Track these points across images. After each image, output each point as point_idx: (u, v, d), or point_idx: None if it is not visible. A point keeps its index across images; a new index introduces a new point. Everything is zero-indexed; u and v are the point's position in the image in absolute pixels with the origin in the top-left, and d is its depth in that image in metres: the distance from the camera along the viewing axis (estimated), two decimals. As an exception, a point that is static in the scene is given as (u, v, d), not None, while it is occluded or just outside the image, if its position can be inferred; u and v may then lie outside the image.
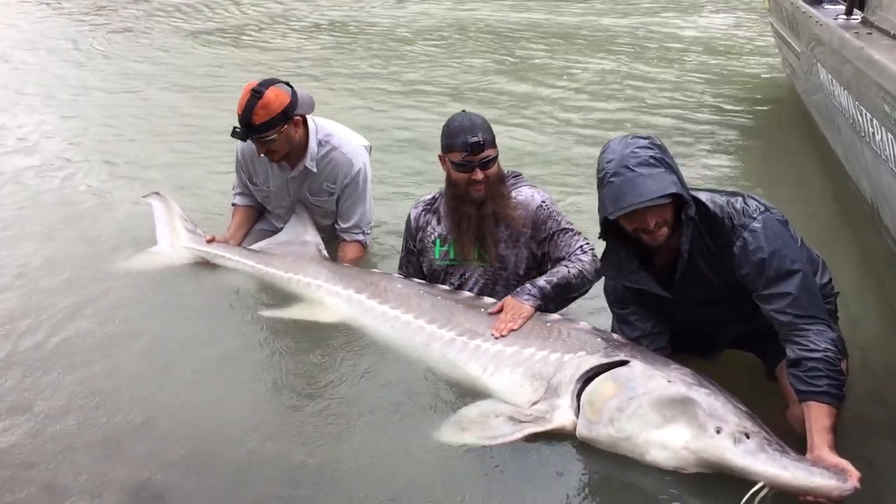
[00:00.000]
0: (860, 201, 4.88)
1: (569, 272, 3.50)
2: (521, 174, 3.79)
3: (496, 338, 3.30)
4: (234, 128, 3.99)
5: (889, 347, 3.66)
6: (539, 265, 3.69)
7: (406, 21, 12.84)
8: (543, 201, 3.63)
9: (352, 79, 9.23)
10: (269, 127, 3.97)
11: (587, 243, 3.61)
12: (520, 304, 3.42)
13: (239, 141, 4.43)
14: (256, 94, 3.94)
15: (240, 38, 11.68)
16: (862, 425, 3.05)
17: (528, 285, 3.48)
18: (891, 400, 3.27)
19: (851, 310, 3.71)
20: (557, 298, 3.53)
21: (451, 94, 8.49)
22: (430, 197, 3.90)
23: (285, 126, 4.03)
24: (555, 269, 3.55)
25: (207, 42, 11.45)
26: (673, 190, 2.68)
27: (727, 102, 7.89)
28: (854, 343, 3.47)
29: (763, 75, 9.01)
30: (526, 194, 3.65)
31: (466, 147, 3.43)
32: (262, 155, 4.12)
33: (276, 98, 3.97)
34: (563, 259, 3.57)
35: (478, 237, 3.62)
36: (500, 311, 3.43)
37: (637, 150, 2.73)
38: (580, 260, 3.53)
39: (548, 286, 3.47)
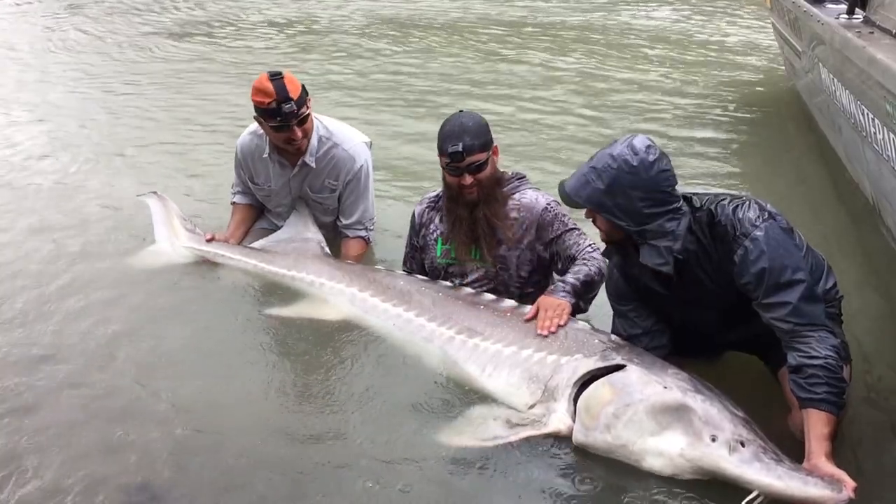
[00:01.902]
0: (861, 201, 4.88)
1: (590, 270, 3.45)
2: (524, 176, 3.75)
3: (544, 336, 3.19)
4: (277, 116, 3.93)
5: (890, 348, 3.65)
6: (546, 267, 3.69)
7: (355, 17, 12.79)
8: (549, 204, 3.61)
9: (333, 75, 9.22)
10: (304, 100, 4.01)
11: (594, 243, 3.57)
12: (557, 300, 3.33)
13: (238, 140, 4.45)
14: (275, 75, 3.96)
15: (212, 36, 11.68)
16: (863, 426, 3.05)
17: (559, 283, 3.44)
18: (892, 400, 3.26)
19: (852, 310, 3.68)
20: (585, 296, 3.46)
21: (438, 90, 8.47)
22: (434, 194, 3.88)
23: (308, 101, 4.07)
24: (576, 269, 3.48)
25: (179, 39, 11.43)
26: (580, 201, 2.83)
27: (727, 102, 7.88)
28: (855, 343, 3.46)
29: (763, 74, 8.99)
30: (530, 197, 3.63)
31: (448, 155, 3.44)
32: (293, 143, 4.07)
33: (292, 76, 4.03)
34: (576, 258, 3.53)
35: (471, 239, 3.61)
36: (535, 314, 3.31)
37: (610, 156, 2.79)
38: (594, 258, 3.49)
39: (577, 283, 3.41)
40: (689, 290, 2.92)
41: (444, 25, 11.97)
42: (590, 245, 3.56)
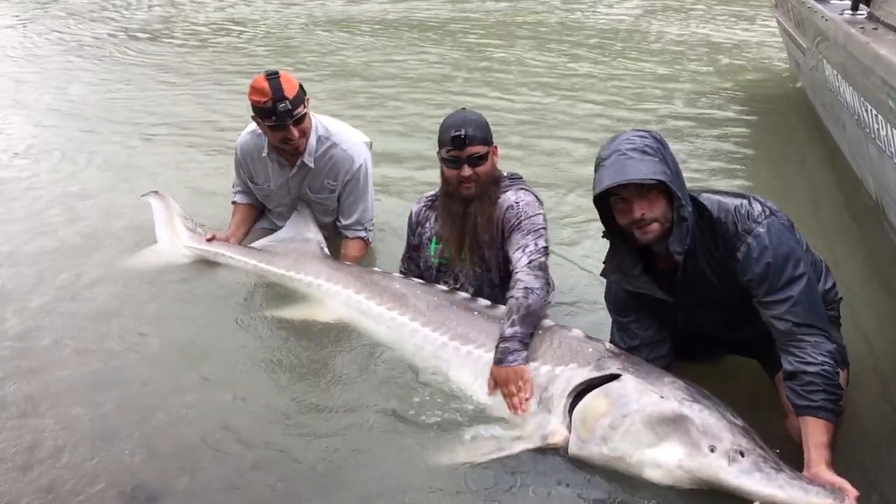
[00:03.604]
0: (865, 198, 4.85)
1: (517, 301, 3.20)
2: (520, 177, 3.70)
3: (517, 414, 2.99)
4: (272, 115, 3.91)
5: (893, 345, 3.60)
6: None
7: (300, 17, 12.82)
8: (516, 202, 3.50)
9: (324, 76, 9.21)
10: (301, 100, 3.98)
11: (542, 250, 3.39)
12: (512, 370, 3.07)
13: (238, 140, 4.44)
14: (272, 75, 3.93)
15: (179, 37, 11.74)
16: (866, 428, 3.01)
17: (500, 345, 3.12)
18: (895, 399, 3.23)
19: (855, 307, 3.67)
20: (533, 327, 3.19)
21: (429, 89, 8.47)
22: (432, 193, 3.86)
23: (306, 100, 4.04)
24: (506, 311, 3.23)
25: (149, 40, 11.49)
26: (660, 177, 2.62)
27: (731, 99, 7.85)
28: (858, 340, 3.45)
29: (768, 71, 8.96)
30: (506, 197, 3.54)
31: (450, 141, 3.41)
32: (289, 142, 4.05)
33: (290, 75, 3.99)
34: (513, 270, 3.36)
35: (460, 236, 3.58)
36: (496, 387, 3.11)
37: (634, 137, 2.71)
38: (518, 279, 3.27)
39: (519, 328, 3.14)
40: (694, 292, 2.88)
41: (413, 24, 12.01)
42: (528, 250, 3.36)
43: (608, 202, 2.78)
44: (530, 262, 3.35)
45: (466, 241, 3.58)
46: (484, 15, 12.66)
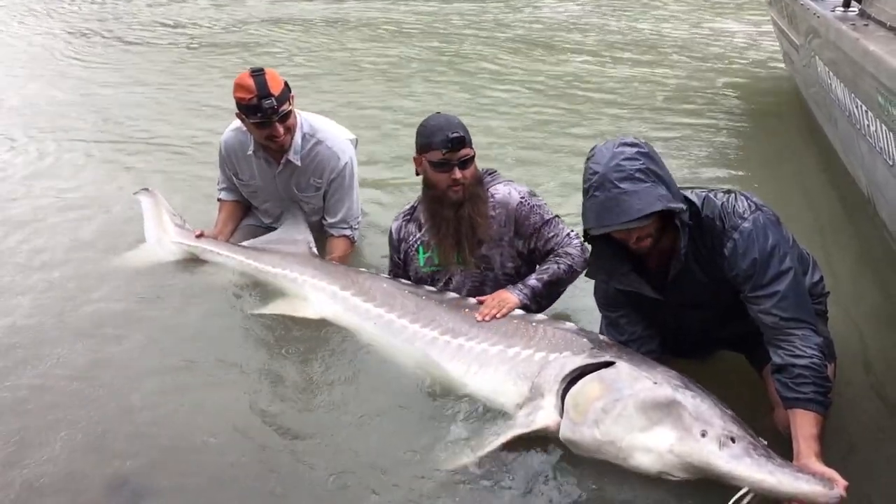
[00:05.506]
0: (857, 194, 4.84)
1: (558, 268, 3.50)
2: (496, 171, 3.70)
3: (478, 321, 3.32)
4: (257, 112, 3.87)
5: (885, 340, 3.60)
6: (528, 261, 3.63)
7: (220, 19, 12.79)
8: (522, 198, 3.55)
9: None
10: (286, 97, 3.95)
11: (573, 230, 3.57)
12: (507, 295, 3.43)
13: (222, 137, 4.40)
14: (257, 72, 3.89)
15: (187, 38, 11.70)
16: (856, 419, 3.02)
17: (519, 284, 3.49)
18: (887, 394, 3.22)
19: (847, 302, 3.68)
20: (549, 296, 3.55)
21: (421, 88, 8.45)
22: (408, 207, 3.84)
23: (291, 97, 4.01)
24: (544, 267, 3.53)
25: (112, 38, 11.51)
26: (656, 208, 2.59)
27: (724, 96, 7.84)
28: (849, 335, 3.45)
29: (761, 68, 8.95)
30: (503, 193, 3.56)
31: (446, 143, 3.34)
32: (274, 140, 4.01)
33: (275, 72, 3.96)
34: (553, 251, 3.54)
35: (455, 240, 3.55)
36: (486, 299, 3.45)
37: (622, 162, 2.61)
38: (568, 253, 3.53)
39: (539, 285, 3.48)
40: (683, 289, 2.87)
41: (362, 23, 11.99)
42: (567, 234, 3.57)
43: None
44: (582, 248, 3.49)
45: (465, 243, 3.55)
46: (457, 15, 12.66)
